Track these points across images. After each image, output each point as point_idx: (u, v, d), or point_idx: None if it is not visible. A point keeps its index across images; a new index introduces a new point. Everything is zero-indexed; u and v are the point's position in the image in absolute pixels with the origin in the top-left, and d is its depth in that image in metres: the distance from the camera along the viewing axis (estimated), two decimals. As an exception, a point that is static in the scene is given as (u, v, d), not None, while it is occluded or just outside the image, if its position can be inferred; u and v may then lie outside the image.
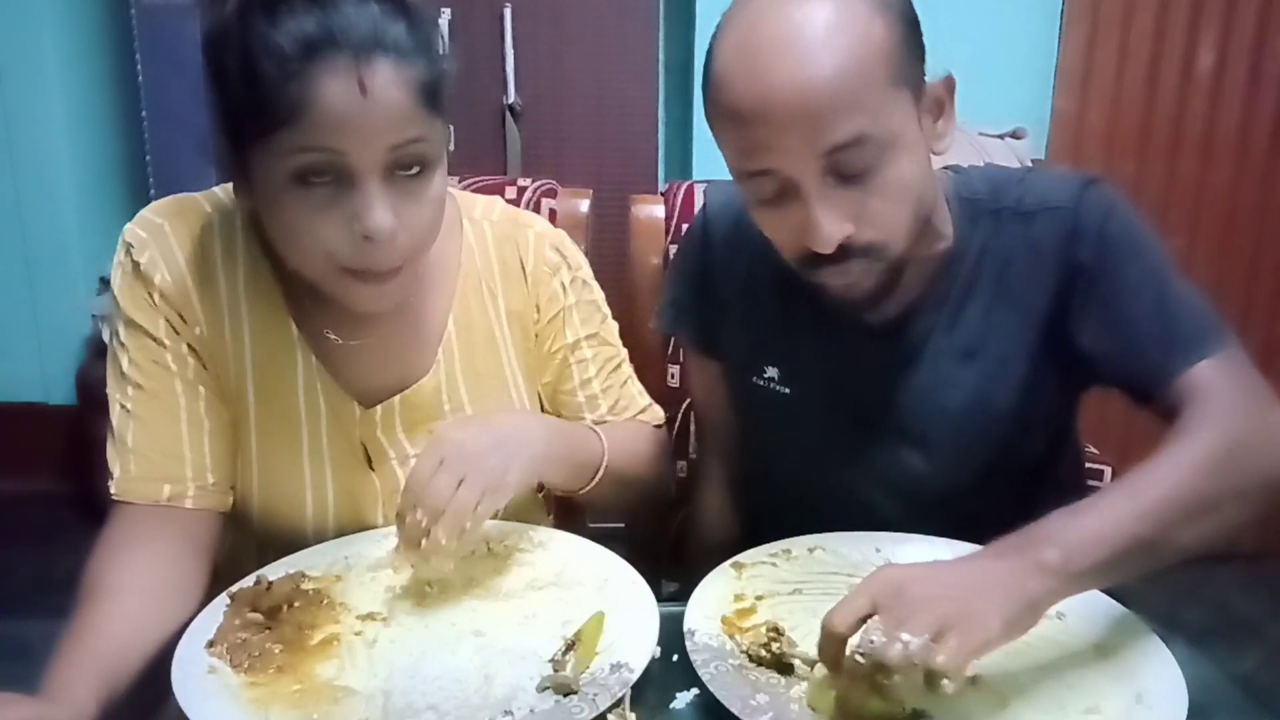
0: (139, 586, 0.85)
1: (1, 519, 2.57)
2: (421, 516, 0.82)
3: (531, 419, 1.02)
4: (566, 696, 0.72)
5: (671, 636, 0.79)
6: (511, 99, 2.45)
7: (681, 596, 0.85)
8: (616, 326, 1.13)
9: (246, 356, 0.96)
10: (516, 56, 2.44)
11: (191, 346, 0.94)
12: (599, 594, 0.86)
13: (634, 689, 0.72)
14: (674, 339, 1.37)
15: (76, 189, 2.72)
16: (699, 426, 1.27)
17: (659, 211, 1.39)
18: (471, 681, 0.75)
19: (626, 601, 0.83)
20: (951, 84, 0.88)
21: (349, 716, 0.71)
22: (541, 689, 0.73)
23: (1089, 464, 1.19)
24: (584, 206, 1.38)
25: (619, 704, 0.71)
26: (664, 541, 1.38)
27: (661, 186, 1.85)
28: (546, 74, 2.47)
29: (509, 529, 0.96)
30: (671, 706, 0.75)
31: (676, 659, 0.78)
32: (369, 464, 0.99)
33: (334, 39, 0.78)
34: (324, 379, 0.97)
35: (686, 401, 1.40)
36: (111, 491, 0.91)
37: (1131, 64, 2.35)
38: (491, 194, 1.14)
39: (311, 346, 0.97)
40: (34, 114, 2.65)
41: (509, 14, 2.42)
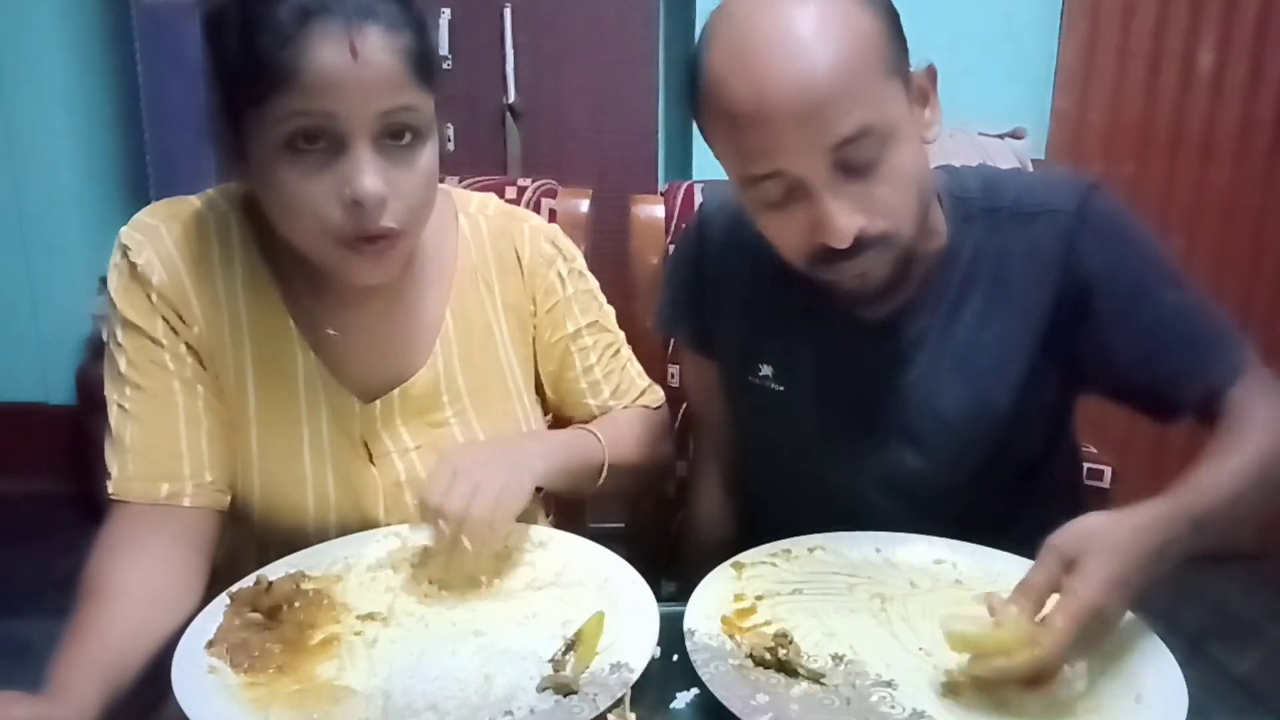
0: (138, 585, 0.85)
1: (1, 519, 2.57)
2: (445, 526, 0.84)
3: (529, 436, 1.05)
4: (566, 696, 0.72)
5: (671, 636, 0.79)
6: (511, 99, 2.46)
7: (681, 596, 0.85)
8: (613, 311, 1.15)
9: (246, 355, 0.96)
10: (516, 56, 2.45)
11: (190, 346, 0.95)
12: (599, 594, 0.86)
13: (634, 689, 0.72)
14: (673, 339, 1.37)
15: (76, 189, 2.72)
16: (695, 426, 1.27)
17: (659, 211, 1.39)
18: (471, 681, 0.75)
19: (626, 601, 0.83)
20: (933, 73, 0.89)
21: (349, 716, 0.71)
22: (541, 689, 0.73)
23: (1089, 464, 1.19)
24: (584, 206, 1.38)
25: (619, 704, 0.71)
26: (664, 541, 1.38)
27: (661, 186, 1.85)
28: (546, 74, 2.47)
29: (509, 529, 0.96)
30: (671, 706, 0.75)
31: (676, 659, 0.79)
32: (369, 458, 0.99)
33: (327, 5, 0.80)
34: (323, 375, 0.98)
35: (687, 401, 1.40)
36: (109, 491, 0.92)
37: (1131, 64, 2.35)
38: (492, 194, 1.14)
39: (310, 343, 0.98)
40: (34, 114, 2.65)
41: (509, 14, 2.42)
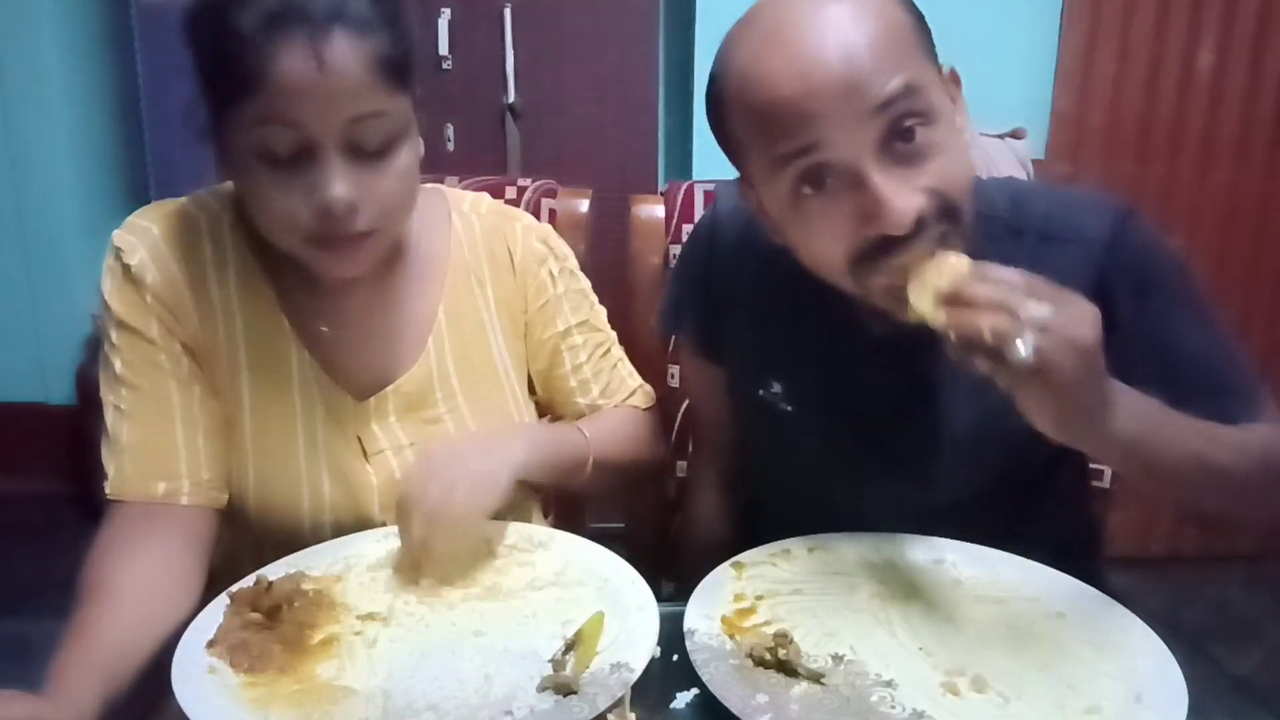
0: (137, 585, 0.85)
1: (1, 519, 2.57)
2: (419, 525, 0.85)
3: (512, 429, 1.05)
4: (566, 696, 0.72)
5: (671, 636, 0.79)
6: (511, 99, 2.46)
7: (681, 596, 0.85)
8: (604, 312, 1.15)
9: (240, 354, 0.97)
10: (516, 56, 2.44)
11: (185, 345, 0.95)
12: (599, 594, 0.86)
13: (634, 689, 0.72)
14: (674, 339, 1.36)
15: (76, 189, 2.72)
16: (695, 427, 1.26)
17: (659, 211, 1.39)
18: (471, 681, 0.75)
19: (626, 601, 0.83)
20: (956, 77, 0.86)
21: (349, 716, 0.71)
22: (541, 689, 0.73)
23: (1090, 464, 1.19)
24: (584, 206, 1.38)
25: (619, 704, 0.71)
26: (664, 541, 1.38)
27: (661, 186, 1.85)
28: (546, 74, 2.47)
29: (509, 529, 0.96)
30: (671, 706, 0.75)
31: (676, 659, 0.79)
32: (364, 455, 0.99)
33: (292, 12, 0.79)
34: (317, 372, 0.98)
35: (687, 401, 1.40)
36: (107, 491, 0.92)
37: (1131, 64, 2.35)
38: (491, 194, 1.15)
39: (304, 340, 0.98)
40: (34, 114, 2.65)
41: (509, 14, 2.42)
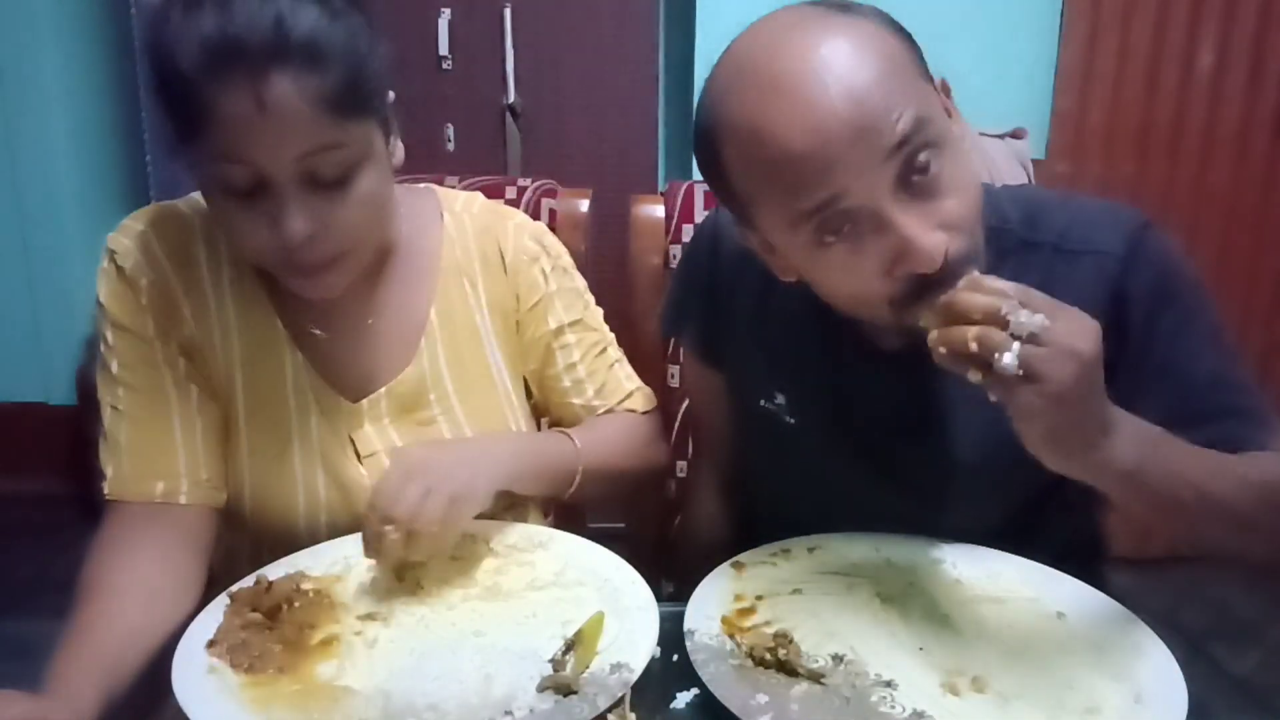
0: (136, 585, 0.85)
1: (1, 519, 2.57)
2: (391, 529, 0.82)
3: (497, 437, 1.03)
4: (566, 696, 0.72)
5: (671, 636, 0.79)
6: (511, 99, 2.46)
7: (681, 596, 0.85)
8: (600, 312, 1.13)
9: (235, 355, 0.97)
10: (516, 56, 2.44)
11: (181, 346, 0.95)
12: (599, 594, 0.86)
13: (634, 689, 0.72)
14: (677, 343, 1.36)
15: (77, 190, 2.72)
16: (695, 430, 1.26)
17: (659, 211, 1.39)
18: (471, 681, 0.75)
19: (626, 601, 0.83)
20: (946, 87, 0.86)
21: (349, 716, 0.71)
22: (541, 689, 0.73)
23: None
24: (584, 206, 1.38)
25: (619, 704, 0.71)
26: (664, 541, 1.38)
27: (661, 186, 1.85)
28: (546, 74, 2.47)
29: (509, 529, 0.96)
30: (671, 706, 0.75)
31: (676, 659, 0.79)
32: (357, 458, 0.99)
33: (231, 54, 0.77)
34: (311, 375, 0.98)
35: (687, 401, 1.39)
36: (105, 492, 0.92)
37: (1131, 64, 2.35)
38: (491, 194, 1.14)
39: (298, 343, 0.98)
40: (34, 115, 2.65)
41: (509, 14, 2.42)
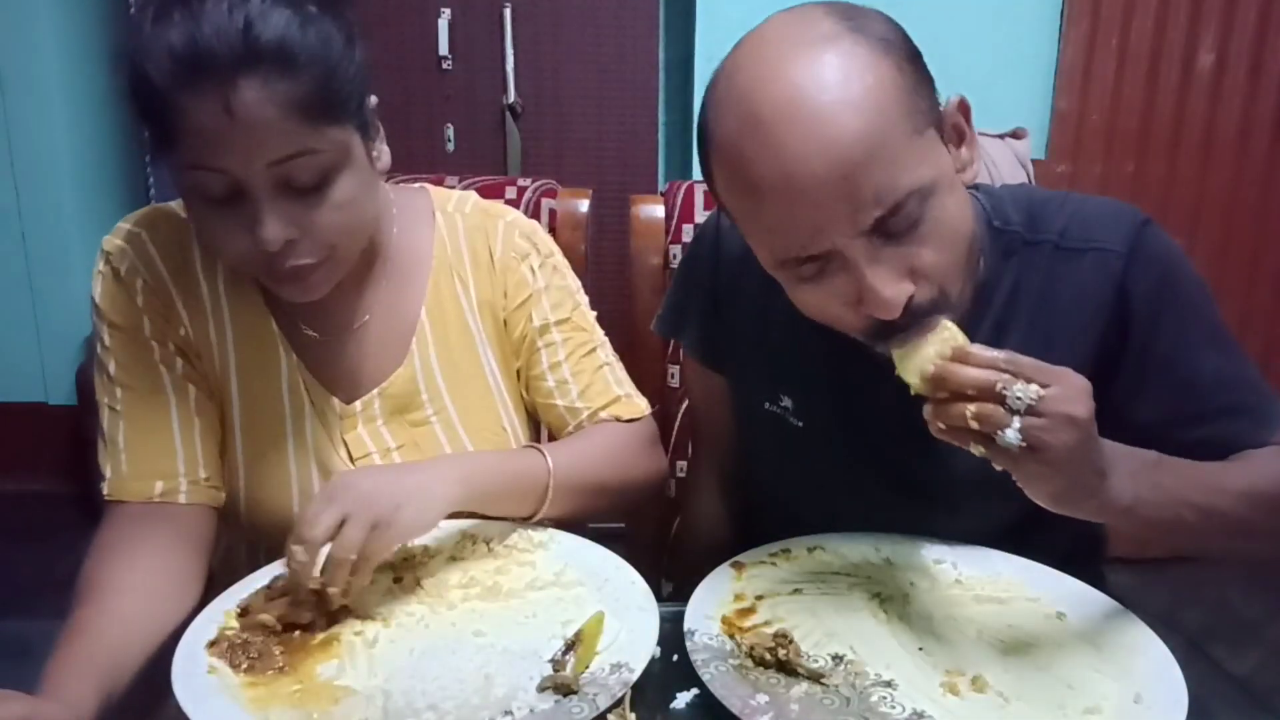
0: (135, 584, 0.85)
1: (1, 519, 2.57)
2: (300, 550, 0.79)
3: (448, 460, 0.97)
4: (566, 696, 0.72)
5: (671, 636, 0.79)
6: (511, 99, 2.45)
7: (681, 596, 0.85)
8: (594, 314, 1.11)
9: (230, 357, 0.97)
10: (516, 56, 2.44)
11: (177, 347, 0.95)
12: (599, 594, 0.86)
13: (634, 689, 0.72)
14: (678, 344, 1.35)
15: (76, 189, 2.72)
16: (695, 432, 1.25)
17: (659, 211, 1.39)
18: (471, 681, 0.75)
19: (626, 601, 0.83)
20: (966, 106, 0.82)
21: (349, 716, 0.71)
22: (541, 689, 0.73)
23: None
24: (584, 206, 1.38)
25: (619, 704, 0.71)
26: (664, 541, 1.38)
27: (661, 186, 1.85)
28: (546, 74, 2.47)
29: (509, 529, 0.96)
30: (671, 706, 0.75)
31: (676, 659, 0.79)
32: (350, 459, 0.99)
33: (199, 63, 0.76)
34: (305, 376, 0.98)
35: (687, 401, 1.40)
36: (104, 493, 0.92)
37: (1131, 64, 2.35)
38: (491, 194, 1.14)
39: (292, 344, 0.98)
40: (34, 115, 2.65)
41: (509, 14, 2.42)
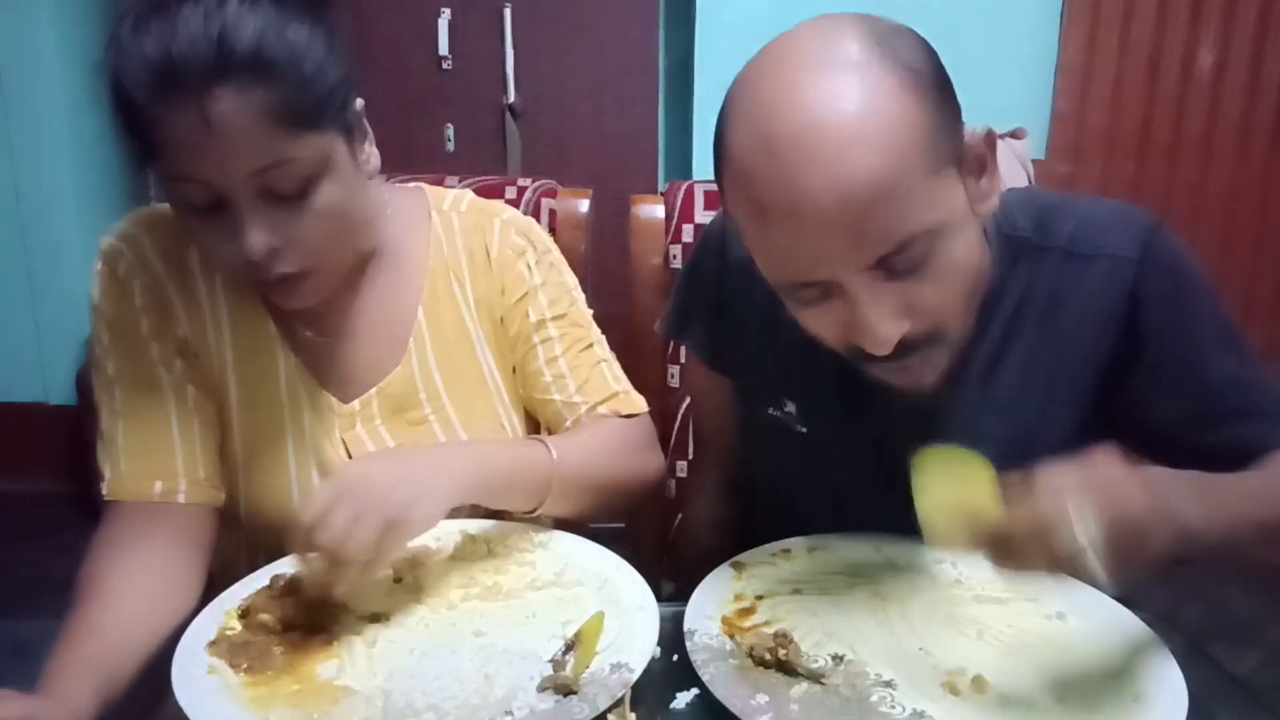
0: (135, 584, 0.85)
1: (1, 519, 2.57)
2: (320, 562, 0.78)
3: (454, 449, 0.96)
4: (566, 696, 0.72)
5: (671, 636, 0.79)
6: (511, 99, 2.46)
7: (681, 596, 0.85)
8: (590, 312, 1.10)
9: (228, 356, 0.97)
10: (516, 56, 2.45)
11: (176, 347, 0.95)
12: (599, 594, 0.86)
13: (634, 689, 0.72)
14: (679, 345, 1.35)
15: (76, 190, 2.72)
16: (697, 434, 1.25)
17: (659, 211, 1.39)
18: (471, 681, 0.75)
19: (626, 601, 0.83)
20: (992, 139, 0.79)
21: (349, 716, 0.71)
22: (541, 689, 0.73)
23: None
24: (584, 206, 1.38)
25: (619, 704, 0.71)
26: (664, 541, 1.38)
27: (661, 186, 1.85)
28: (546, 74, 2.48)
29: (509, 529, 0.96)
30: (671, 706, 0.75)
31: (676, 659, 0.79)
32: (349, 459, 0.99)
33: (175, 73, 0.76)
34: (303, 376, 0.98)
35: (687, 401, 1.40)
36: (104, 493, 0.92)
37: (1131, 64, 2.36)
38: (491, 194, 1.14)
39: (290, 344, 0.98)
40: (34, 115, 2.65)
41: (509, 14, 2.42)
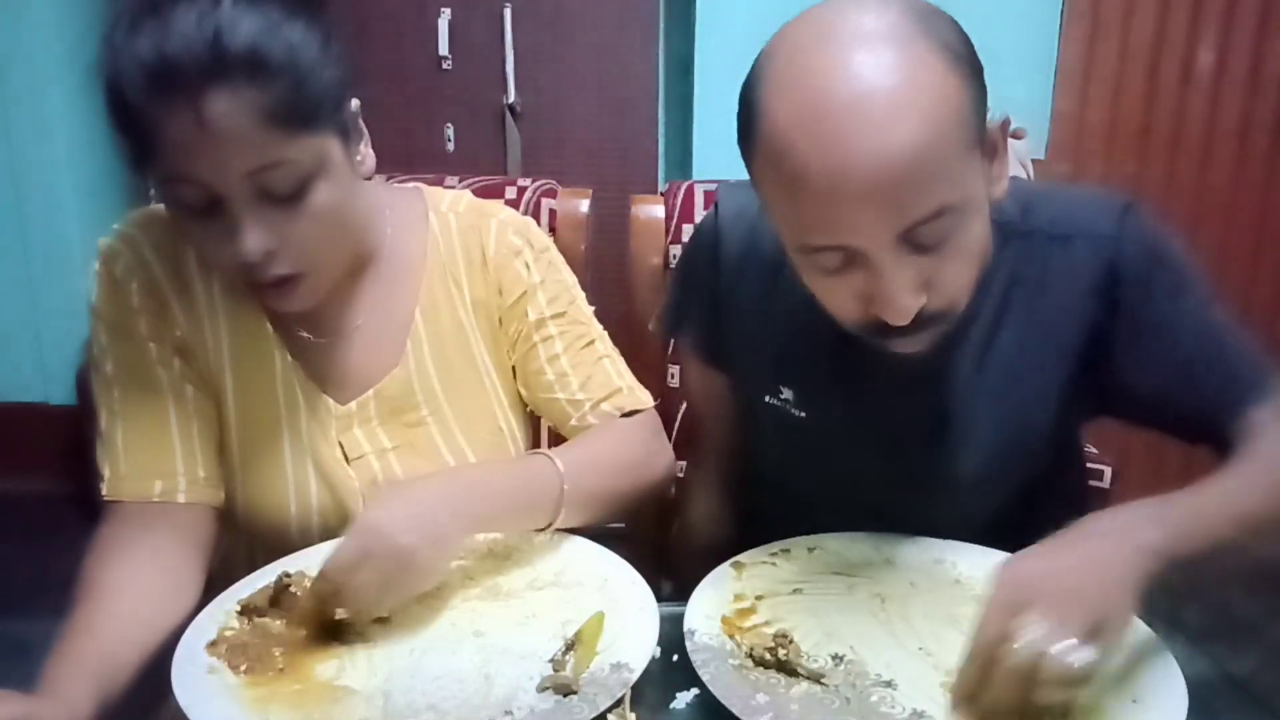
0: (135, 585, 0.85)
1: (1, 519, 2.57)
2: (337, 609, 0.78)
3: (472, 479, 0.94)
4: (566, 696, 0.72)
5: (671, 636, 0.79)
6: (511, 99, 2.46)
7: (681, 596, 0.85)
8: (590, 309, 1.09)
9: (225, 357, 0.97)
10: (516, 56, 2.45)
11: (174, 347, 0.95)
12: (599, 594, 0.86)
13: (634, 689, 0.72)
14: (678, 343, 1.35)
15: (76, 190, 2.72)
16: (696, 431, 1.25)
17: (659, 211, 1.39)
18: (471, 681, 0.75)
19: (626, 601, 0.83)
20: (1007, 125, 0.81)
21: (349, 716, 0.71)
22: (541, 689, 0.73)
23: (1089, 464, 1.19)
24: (584, 206, 1.38)
25: (619, 704, 0.71)
26: (664, 541, 1.38)
27: (661, 186, 1.85)
28: (546, 74, 2.47)
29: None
30: (671, 706, 0.75)
31: (676, 659, 0.79)
32: (346, 460, 0.99)
33: (169, 74, 0.76)
34: (300, 377, 0.98)
35: (687, 401, 1.39)
36: (103, 493, 0.92)
37: (1131, 64, 2.36)
38: (491, 194, 1.14)
39: (287, 345, 0.98)
40: (34, 115, 2.65)
41: (509, 14, 2.42)
